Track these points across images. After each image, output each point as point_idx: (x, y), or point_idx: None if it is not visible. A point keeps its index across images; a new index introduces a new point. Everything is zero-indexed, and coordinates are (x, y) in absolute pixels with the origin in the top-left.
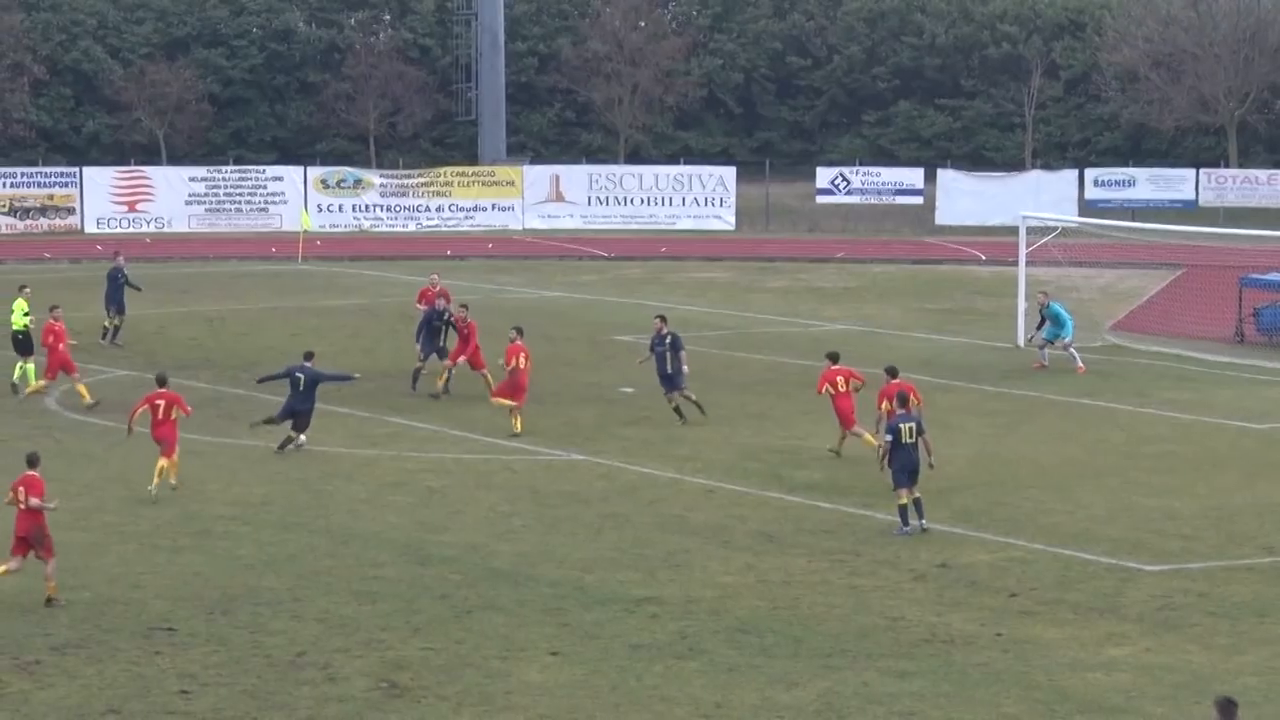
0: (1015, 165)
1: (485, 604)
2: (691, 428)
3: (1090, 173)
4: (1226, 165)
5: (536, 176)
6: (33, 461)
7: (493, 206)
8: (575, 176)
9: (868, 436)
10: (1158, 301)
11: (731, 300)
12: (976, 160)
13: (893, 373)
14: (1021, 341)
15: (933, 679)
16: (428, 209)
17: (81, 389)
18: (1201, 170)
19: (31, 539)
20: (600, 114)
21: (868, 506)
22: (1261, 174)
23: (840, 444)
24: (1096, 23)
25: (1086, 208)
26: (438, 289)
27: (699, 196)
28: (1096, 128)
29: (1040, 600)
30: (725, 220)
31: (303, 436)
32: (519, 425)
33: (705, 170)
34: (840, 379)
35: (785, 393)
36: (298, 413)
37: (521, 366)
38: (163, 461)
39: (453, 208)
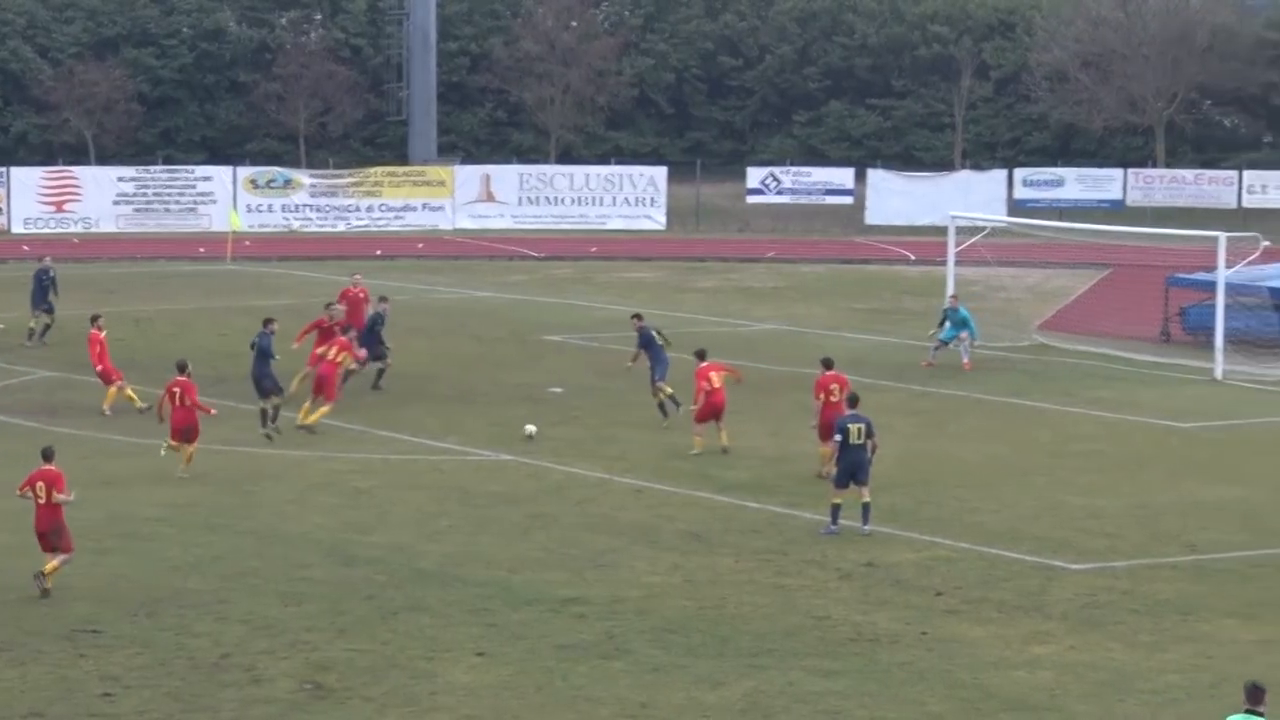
0: (945, 165)
1: (411, 605)
2: (621, 428)
3: (1019, 172)
4: (1154, 165)
5: (467, 176)
6: (48, 455)
7: (423, 206)
8: (506, 176)
9: (724, 436)
10: (1085, 301)
11: (661, 300)
12: (906, 160)
13: (828, 364)
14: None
15: (858, 678)
16: (358, 209)
17: (130, 394)
18: (1129, 170)
19: (50, 534)
20: (531, 114)
21: (795, 506)
22: (1189, 174)
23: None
24: (1026, 23)
25: (1015, 207)
26: (359, 289)
27: (629, 196)
28: (1026, 128)
29: (965, 599)
30: (656, 220)
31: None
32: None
33: (636, 170)
34: (714, 374)
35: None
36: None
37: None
38: (189, 448)
39: (383, 208)
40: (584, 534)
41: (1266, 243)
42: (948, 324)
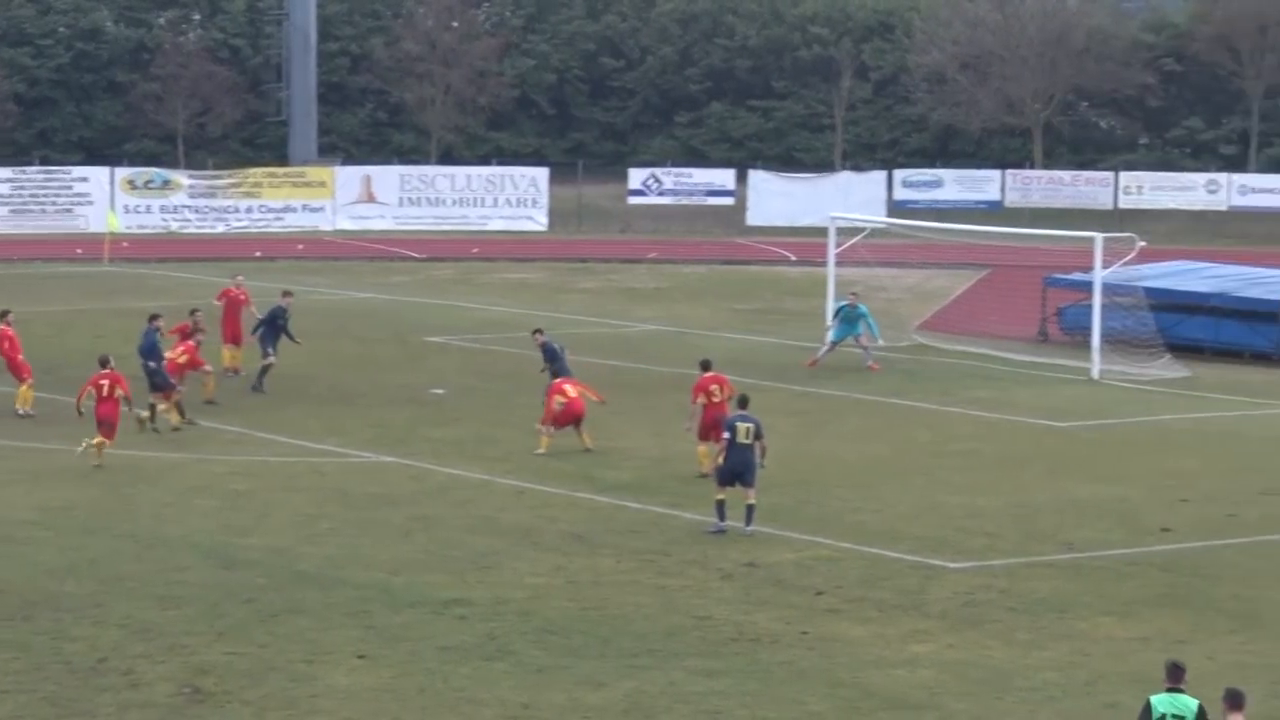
0: (825, 166)
1: (291, 607)
2: (503, 428)
3: (899, 173)
4: (1031, 166)
5: (348, 177)
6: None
7: (303, 207)
8: (387, 177)
9: (546, 439)
10: (964, 301)
11: (544, 301)
12: (787, 161)
13: (705, 366)
14: (829, 341)
15: (739, 677)
16: (237, 210)
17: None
18: (1007, 171)
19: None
20: (412, 114)
21: (677, 507)
22: (1066, 175)
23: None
24: (905, 25)
25: (895, 208)
26: (240, 290)
27: (511, 197)
28: (905, 129)
29: (846, 598)
30: (537, 221)
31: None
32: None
33: (518, 171)
34: (568, 386)
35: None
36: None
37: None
38: (100, 438)
39: (263, 209)
40: (466, 535)
41: (1142, 243)
42: (840, 322)
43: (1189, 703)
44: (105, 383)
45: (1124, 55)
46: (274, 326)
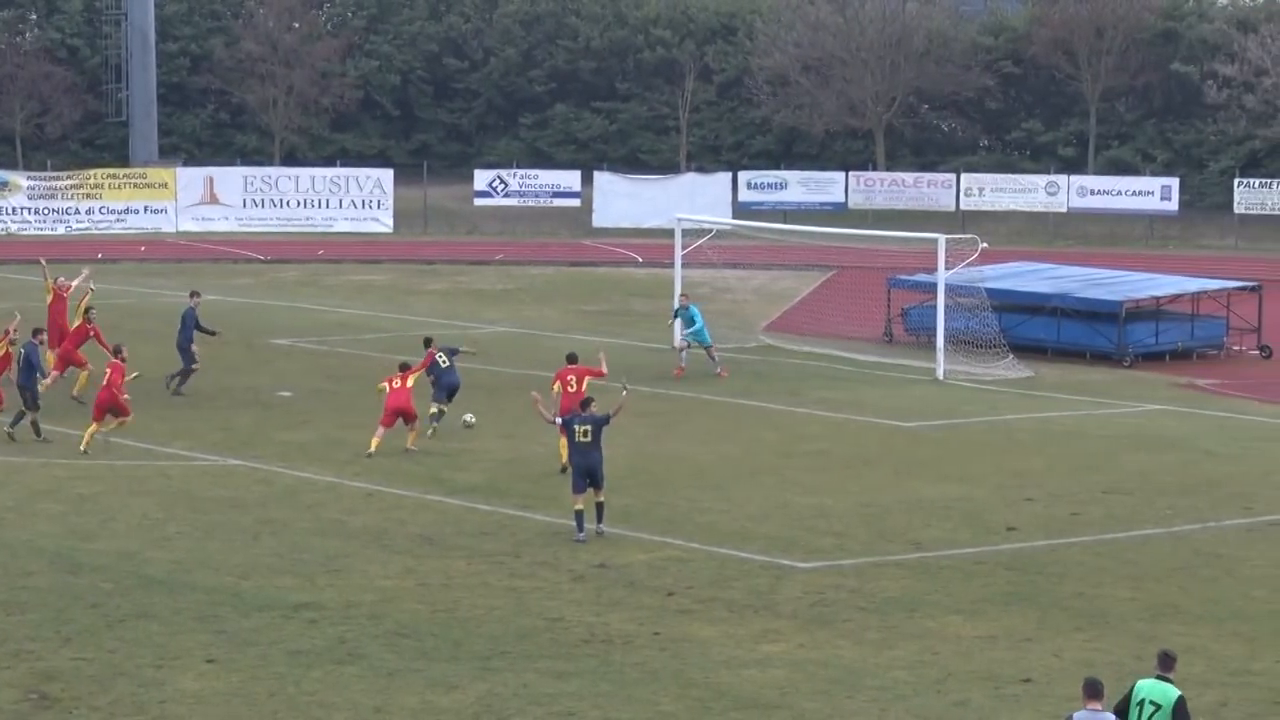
0: (670, 168)
1: (139, 612)
2: (352, 431)
3: (743, 175)
4: (874, 168)
5: (190, 178)
6: (573, 358)
7: (145, 209)
8: (230, 178)
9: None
10: (809, 302)
11: (390, 303)
12: (632, 163)
13: (571, 359)
14: (678, 342)
15: (591, 679)
16: (78, 211)
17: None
18: (850, 173)
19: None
20: (255, 115)
21: (527, 508)
22: (908, 176)
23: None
24: (748, 27)
25: (740, 210)
26: (66, 287)
27: (356, 199)
28: (749, 131)
29: (697, 599)
30: (383, 223)
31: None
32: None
33: (362, 172)
34: (398, 379)
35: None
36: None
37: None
38: (94, 426)
39: (103, 210)
40: (315, 539)
41: (984, 244)
42: (680, 323)
43: (1171, 692)
44: (108, 371)
45: (963, 58)
46: (191, 330)
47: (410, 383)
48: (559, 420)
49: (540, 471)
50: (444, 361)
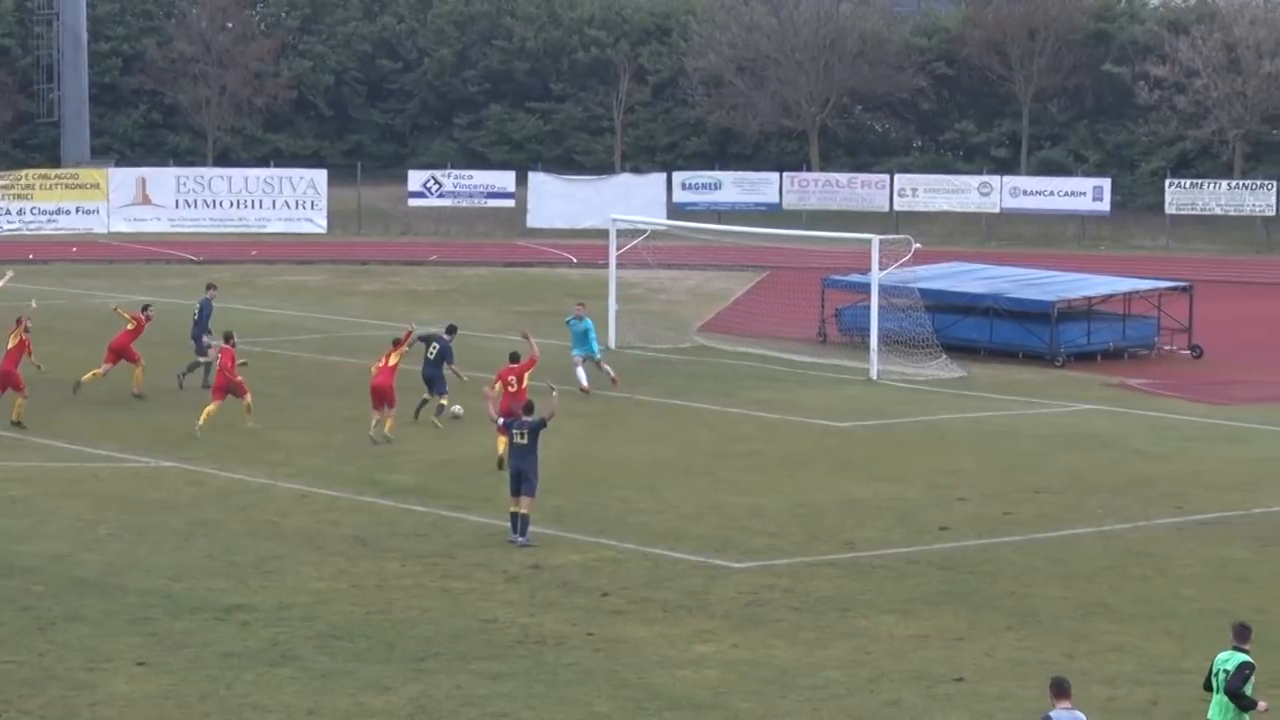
0: (605, 168)
1: (70, 615)
2: (285, 432)
3: (678, 176)
4: (808, 169)
5: (122, 179)
6: (515, 357)
7: (76, 209)
8: (162, 179)
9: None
10: (744, 303)
11: (324, 304)
12: (567, 163)
13: (514, 358)
14: (613, 343)
15: (525, 680)
16: (8, 212)
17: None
18: (785, 174)
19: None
20: (188, 115)
21: (461, 509)
22: (842, 177)
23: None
24: (682, 28)
25: (675, 210)
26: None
27: (289, 199)
28: (684, 132)
29: (631, 599)
30: (316, 223)
31: None
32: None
33: (296, 173)
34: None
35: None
36: None
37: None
38: (211, 407)
39: (35, 211)
40: (248, 540)
41: (918, 245)
42: (573, 337)
43: (1238, 658)
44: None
45: (897, 59)
46: (206, 322)
47: (394, 361)
48: (501, 420)
49: (474, 472)
50: (431, 353)
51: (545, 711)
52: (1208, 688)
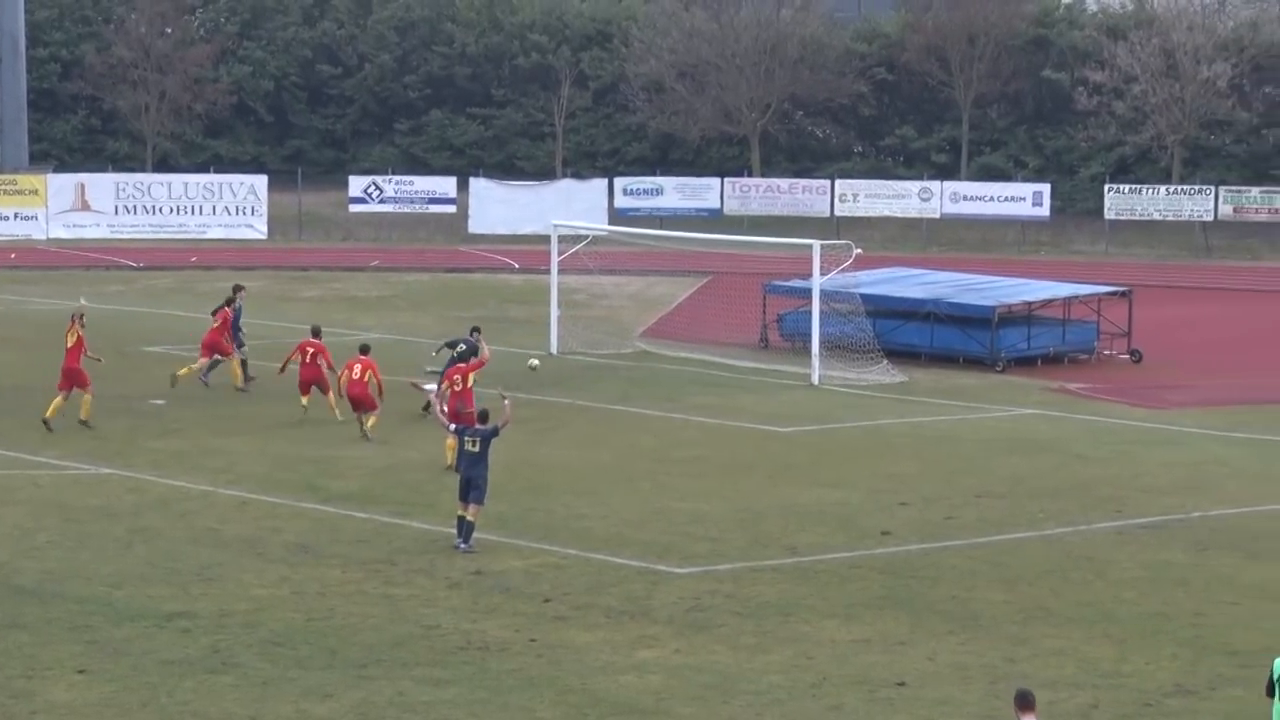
0: (546, 174)
1: (8, 622)
2: (225, 438)
3: (619, 181)
4: (750, 174)
5: (61, 185)
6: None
7: (15, 216)
8: (102, 185)
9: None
10: (686, 308)
11: (265, 310)
12: (508, 169)
13: (463, 357)
14: (555, 349)
15: (468, 686)
16: None
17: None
18: (726, 179)
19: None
20: (127, 121)
21: (403, 515)
22: (783, 183)
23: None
24: (623, 34)
25: (616, 216)
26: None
27: (230, 205)
28: (625, 137)
29: (573, 605)
30: (257, 229)
31: None
32: None
33: (236, 179)
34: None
35: (320, 402)
36: None
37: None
38: (331, 397)
39: None
40: (188, 547)
41: (859, 250)
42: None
43: None
44: (310, 349)
45: (838, 65)
46: (237, 321)
47: (359, 374)
48: (453, 427)
49: (416, 478)
50: (458, 353)
51: (487, 717)
52: (1270, 693)
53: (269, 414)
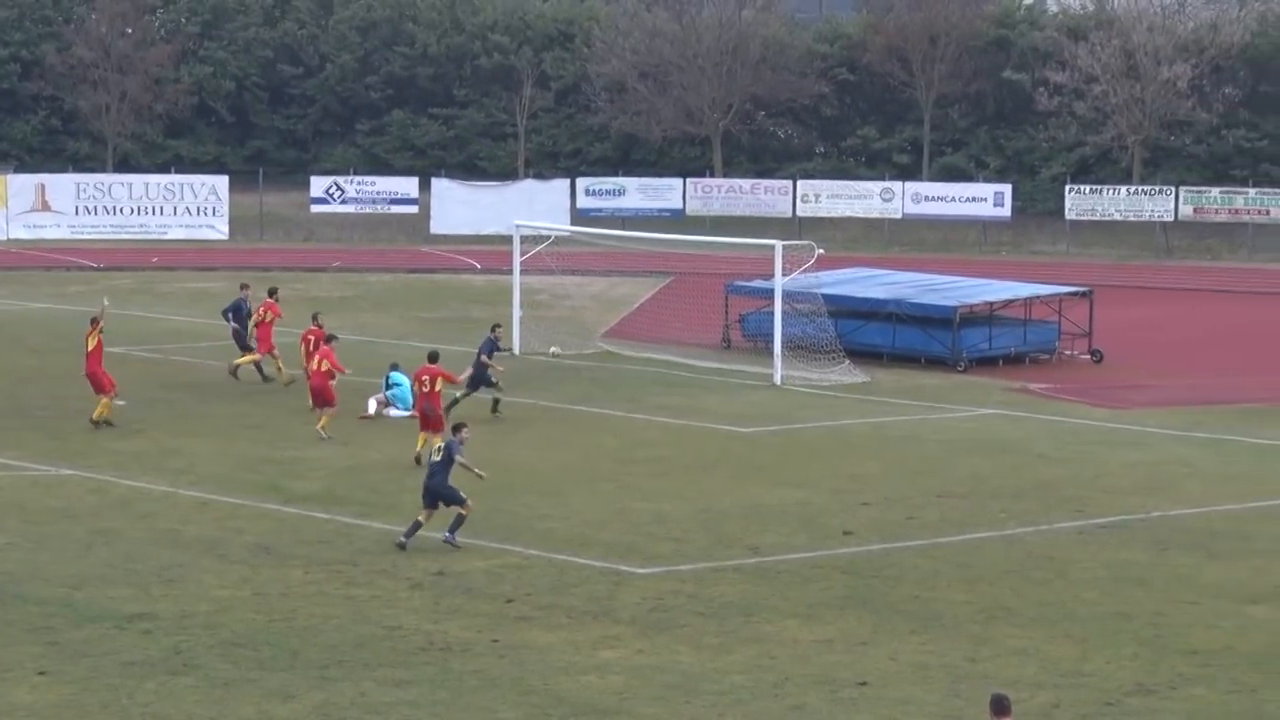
0: (508, 174)
1: None
2: (187, 439)
3: (582, 182)
4: (712, 175)
5: (21, 185)
6: (434, 357)
7: None
8: (62, 185)
9: None
10: (648, 308)
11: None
12: (470, 169)
13: (432, 358)
14: (518, 349)
15: (430, 686)
16: None
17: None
18: (688, 180)
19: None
20: (87, 121)
21: (365, 516)
22: (745, 183)
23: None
24: (585, 34)
25: (579, 216)
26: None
27: (191, 206)
28: (587, 138)
29: (536, 605)
30: (218, 230)
31: None
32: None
33: (197, 179)
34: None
35: (282, 402)
36: None
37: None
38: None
39: None
40: (149, 549)
41: (821, 250)
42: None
43: None
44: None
45: (799, 65)
46: (245, 319)
47: (324, 366)
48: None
49: (378, 479)
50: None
51: (449, 718)
52: None
53: (231, 415)
